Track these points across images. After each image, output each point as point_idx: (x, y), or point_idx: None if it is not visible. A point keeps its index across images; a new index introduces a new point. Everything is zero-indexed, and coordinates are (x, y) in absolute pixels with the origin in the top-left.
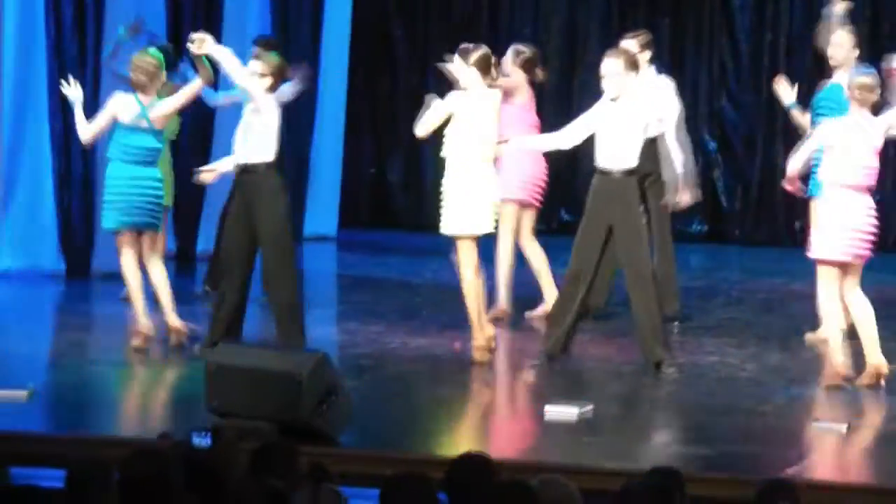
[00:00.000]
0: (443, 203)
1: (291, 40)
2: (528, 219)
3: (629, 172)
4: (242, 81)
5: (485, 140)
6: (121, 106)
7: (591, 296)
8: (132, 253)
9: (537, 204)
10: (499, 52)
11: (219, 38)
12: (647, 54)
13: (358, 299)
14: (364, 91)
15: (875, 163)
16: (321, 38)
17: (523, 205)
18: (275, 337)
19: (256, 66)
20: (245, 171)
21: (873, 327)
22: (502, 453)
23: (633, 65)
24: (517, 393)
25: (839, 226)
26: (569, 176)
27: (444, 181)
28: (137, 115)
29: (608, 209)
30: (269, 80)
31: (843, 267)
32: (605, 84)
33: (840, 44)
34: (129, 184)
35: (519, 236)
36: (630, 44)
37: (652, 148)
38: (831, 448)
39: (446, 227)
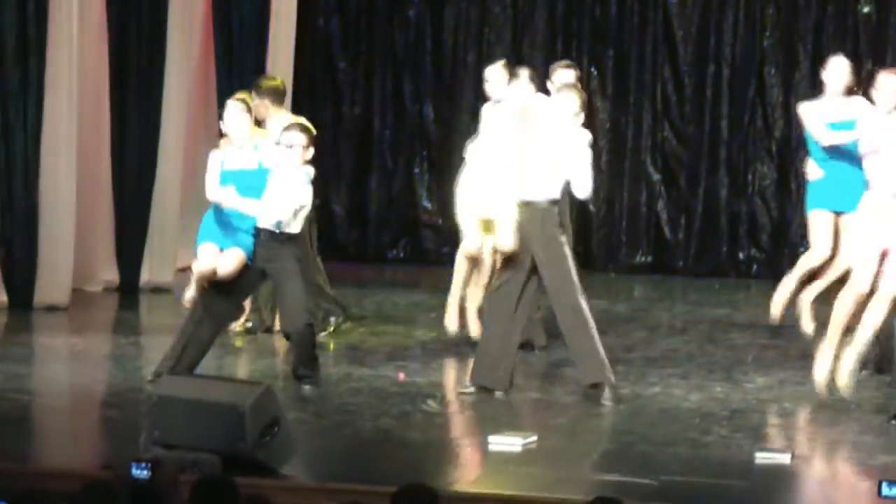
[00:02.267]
0: None
1: (235, 72)
2: None
3: (553, 202)
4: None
5: None
6: None
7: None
8: None
9: None
10: (444, 81)
11: (162, 71)
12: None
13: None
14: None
15: None
16: (265, 68)
17: None
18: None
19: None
20: None
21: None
22: (446, 484)
23: (584, 106)
24: (461, 424)
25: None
26: None
27: None
28: None
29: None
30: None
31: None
32: (559, 118)
33: None
34: None
35: None
36: (569, 75)
37: None
38: (775, 479)
39: None
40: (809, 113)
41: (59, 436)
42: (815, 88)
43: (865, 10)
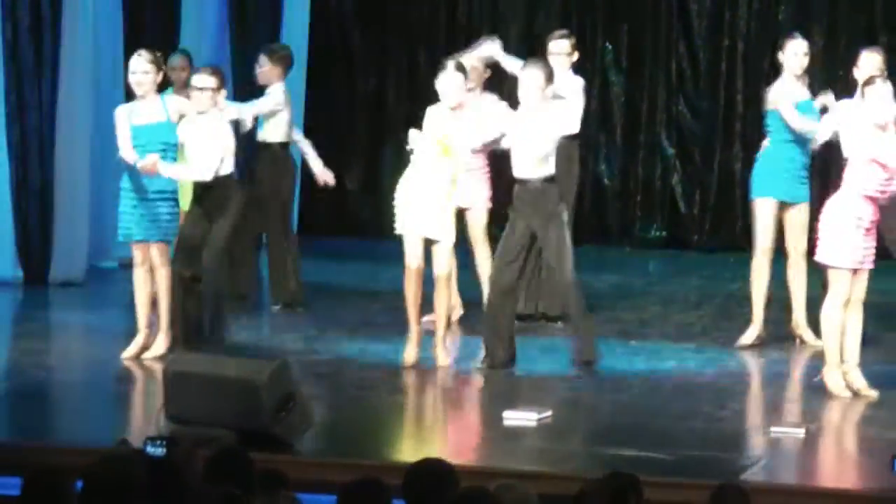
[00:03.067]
0: None
1: (249, 48)
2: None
3: (548, 179)
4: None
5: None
6: None
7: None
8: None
9: None
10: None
11: (175, 43)
12: (575, 56)
13: (317, 306)
14: (322, 98)
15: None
16: (280, 41)
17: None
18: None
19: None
20: None
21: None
22: (460, 459)
23: (551, 77)
24: (475, 399)
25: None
26: None
27: None
28: None
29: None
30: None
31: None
32: (526, 94)
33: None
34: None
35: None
36: (562, 45)
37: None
38: (789, 452)
39: None
40: (784, 97)
41: (75, 412)
42: (830, 63)
43: None
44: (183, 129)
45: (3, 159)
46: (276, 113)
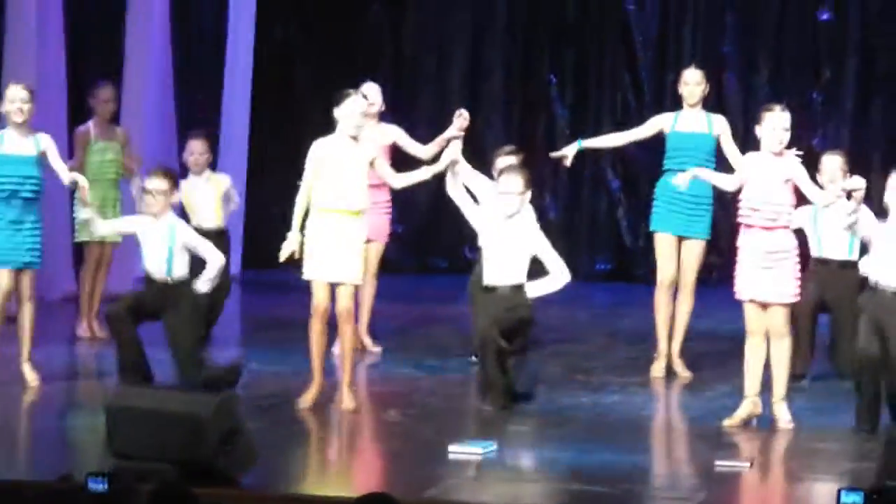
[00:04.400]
0: None
1: (193, 80)
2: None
3: (518, 287)
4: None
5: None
6: None
7: None
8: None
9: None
10: (404, 87)
11: (119, 80)
12: None
13: (262, 339)
14: (268, 130)
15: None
16: (223, 78)
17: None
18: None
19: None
20: None
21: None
22: (406, 493)
23: (529, 184)
24: (421, 433)
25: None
26: None
27: None
28: None
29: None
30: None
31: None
32: (507, 201)
33: None
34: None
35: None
36: (511, 161)
37: None
38: (734, 487)
39: None
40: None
41: (14, 448)
42: (775, 95)
43: (824, 16)
44: (139, 227)
45: None
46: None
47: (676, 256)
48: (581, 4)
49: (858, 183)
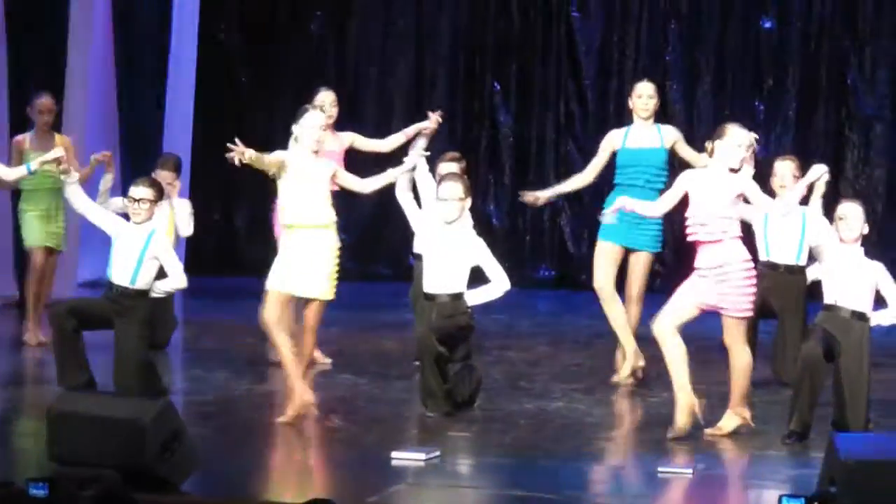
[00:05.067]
0: None
1: (136, 87)
2: None
3: (457, 296)
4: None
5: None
6: None
7: None
8: None
9: None
10: (347, 95)
11: (62, 88)
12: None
13: (203, 346)
14: (211, 136)
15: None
16: (166, 84)
17: None
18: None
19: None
20: None
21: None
22: (349, 500)
23: (468, 191)
24: (364, 439)
25: None
26: None
27: None
28: None
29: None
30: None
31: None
32: (446, 207)
33: None
34: None
35: None
36: (453, 167)
37: None
38: (677, 493)
39: None
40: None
41: None
42: (718, 103)
43: (767, 25)
44: (118, 227)
45: None
46: None
47: (614, 266)
48: (525, 12)
49: (819, 170)
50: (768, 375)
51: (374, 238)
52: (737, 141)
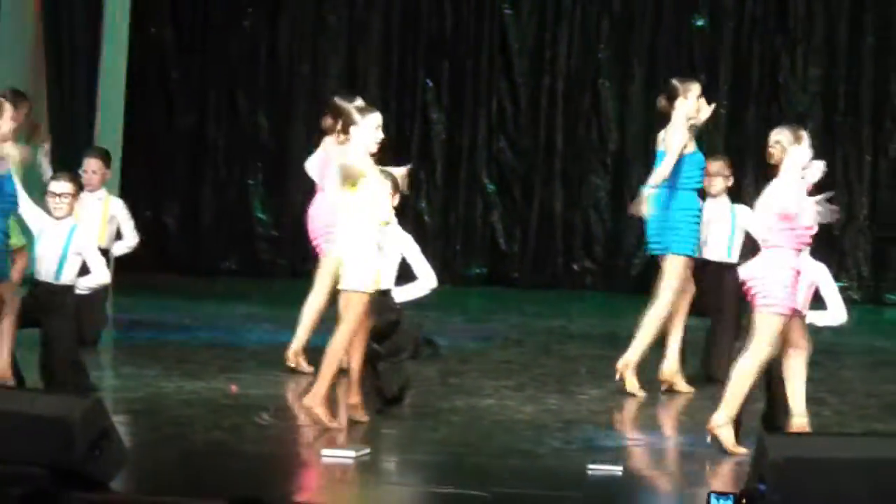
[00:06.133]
0: None
1: (66, 81)
2: None
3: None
4: None
5: None
6: None
7: None
8: None
9: None
10: (280, 91)
11: None
12: None
13: (134, 343)
14: (141, 133)
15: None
16: (97, 79)
17: None
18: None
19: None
20: None
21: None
22: (279, 497)
23: (397, 186)
24: (294, 436)
25: None
26: None
27: None
28: None
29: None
30: None
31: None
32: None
33: None
34: None
35: None
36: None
37: None
38: (607, 490)
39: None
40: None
41: None
42: (649, 101)
43: (699, 23)
44: (41, 224)
45: None
46: None
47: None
48: (457, 10)
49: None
50: (699, 372)
51: (305, 234)
52: None
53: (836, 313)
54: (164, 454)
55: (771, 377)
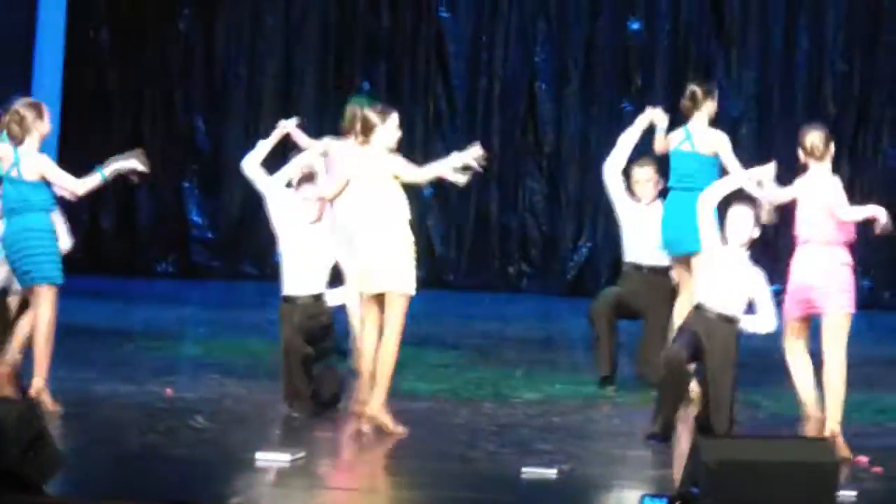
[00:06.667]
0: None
1: (1, 84)
2: None
3: (317, 297)
4: None
5: None
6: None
7: None
8: None
9: None
10: (216, 89)
11: None
12: None
13: (68, 346)
14: (78, 138)
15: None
16: (32, 83)
17: None
18: None
19: None
20: None
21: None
22: (212, 500)
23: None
24: (229, 440)
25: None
26: None
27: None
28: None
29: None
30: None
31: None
32: (308, 208)
33: None
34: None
35: None
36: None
37: None
38: (540, 493)
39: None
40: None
41: None
42: (585, 103)
43: (635, 26)
44: None
45: None
46: None
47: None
48: (394, 11)
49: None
50: (632, 375)
51: (242, 236)
52: None
53: (766, 320)
54: (98, 457)
55: (706, 381)
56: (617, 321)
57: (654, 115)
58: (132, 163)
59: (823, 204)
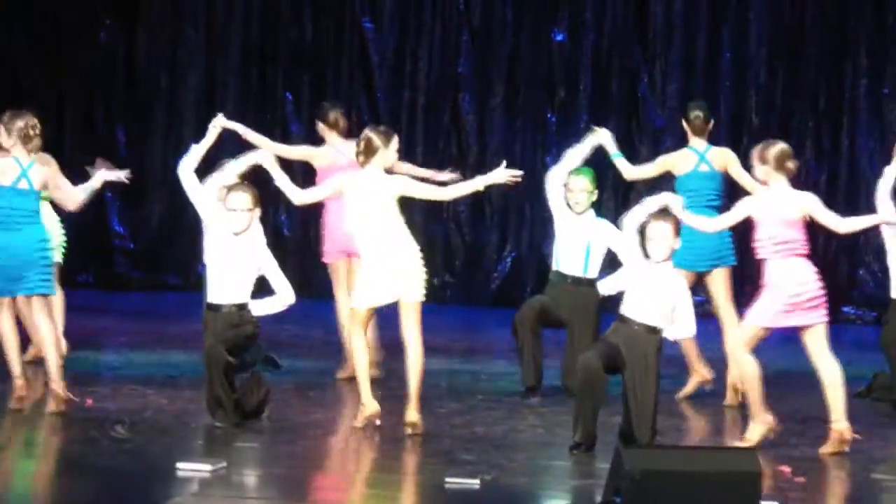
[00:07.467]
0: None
1: None
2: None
3: (242, 306)
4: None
5: None
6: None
7: None
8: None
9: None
10: (137, 104)
11: None
12: None
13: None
14: None
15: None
16: None
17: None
18: None
19: None
20: None
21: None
22: None
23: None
24: (149, 451)
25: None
26: None
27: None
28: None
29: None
30: None
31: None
32: (235, 218)
33: None
34: None
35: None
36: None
37: None
38: (467, 503)
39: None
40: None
41: None
42: (508, 115)
43: (559, 37)
44: None
45: None
46: None
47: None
48: (317, 23)
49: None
50: (558, 385)
51: (163, 246)
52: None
53: (686, 327)
54: (12, 466)
55: (626, 391)
56: (541, 330)
57: (602, 138)
58: (116, 173)
59: (798, 214)
